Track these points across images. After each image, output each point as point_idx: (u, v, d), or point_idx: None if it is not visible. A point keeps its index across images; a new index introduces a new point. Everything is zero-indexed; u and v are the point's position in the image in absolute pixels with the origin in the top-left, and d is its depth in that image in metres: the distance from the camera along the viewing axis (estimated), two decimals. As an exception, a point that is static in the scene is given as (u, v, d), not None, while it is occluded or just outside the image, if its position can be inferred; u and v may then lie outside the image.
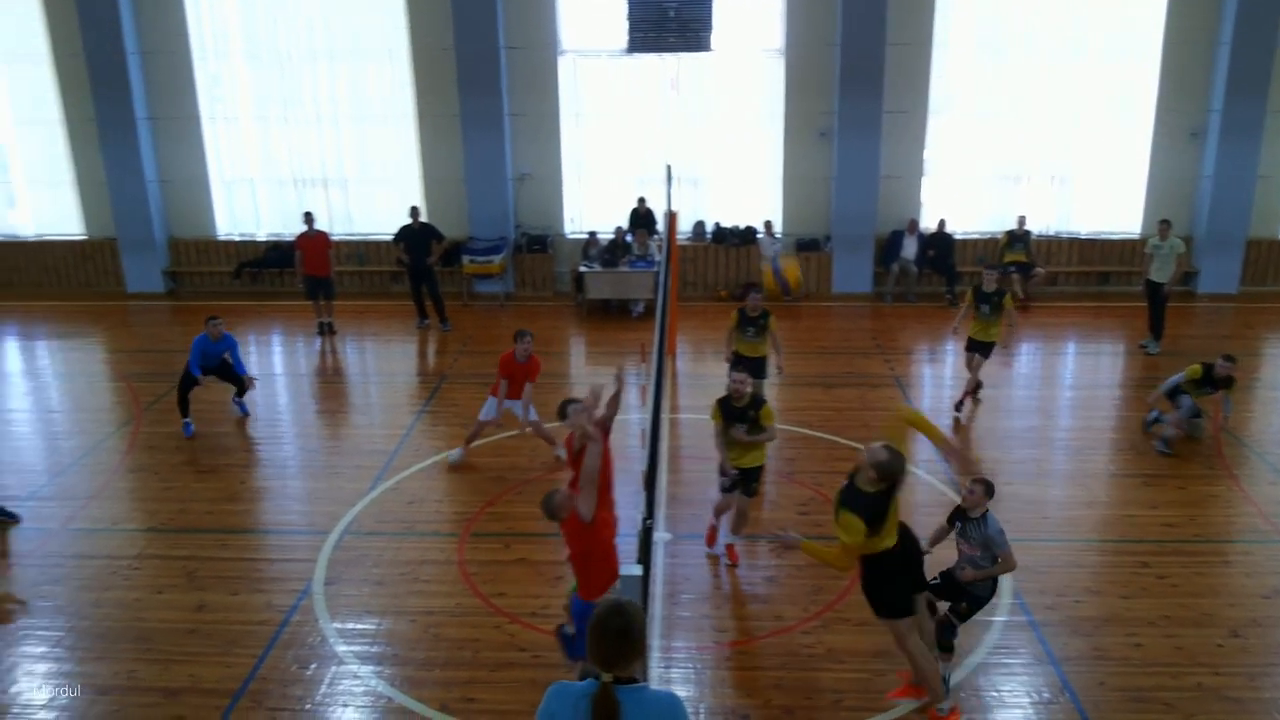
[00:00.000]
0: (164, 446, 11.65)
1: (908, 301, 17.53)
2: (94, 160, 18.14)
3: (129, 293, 18.50)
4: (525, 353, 10.77)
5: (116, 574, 8.88)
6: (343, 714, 7.06)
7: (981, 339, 12.14)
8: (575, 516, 6.63)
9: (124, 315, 17.34)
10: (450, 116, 17.68)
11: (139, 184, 17.97)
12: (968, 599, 7.09)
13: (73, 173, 18.51)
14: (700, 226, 18.36)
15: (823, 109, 17.62)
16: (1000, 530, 7.05)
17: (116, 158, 17.86)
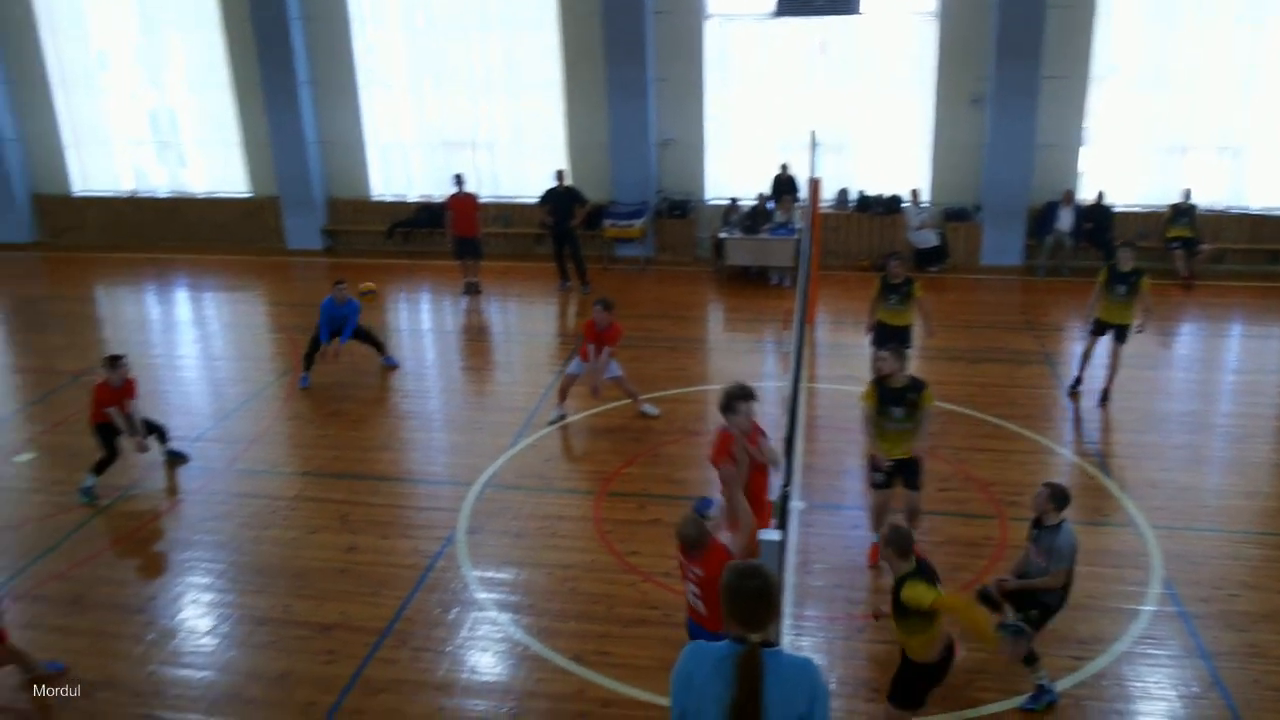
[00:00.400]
0: (321, 396, 12.22)
1: (1061, 276, 16.87)
2: (259, 122, 19.00)
3: (289, 249, 19.38)
4: (604, 322, 10.89)
5: (275, 514, 9.41)
6: (481, 658, 7.34)
7: (1113, 321, 11.34)
8: (720, 548, 6.06)
9: (285, 270, 18.18)
10: (596, 82, 17.80)
11: (300, 146, 18.75)
12: (1038, 606, 6.80)
13: (240, 134, 19.44)
14: (844, 194, 18.05)
15: (977, 74, 17.03)
16: (1071, 545, 6.70)
17: (280, 120, 18.66)
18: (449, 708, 6.83)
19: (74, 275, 18.15)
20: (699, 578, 5.98)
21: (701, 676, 3.73)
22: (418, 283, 17.41)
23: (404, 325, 15.86)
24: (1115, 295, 11.27)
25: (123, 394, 9.76)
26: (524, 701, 6.88)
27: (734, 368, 13.18)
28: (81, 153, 20.28)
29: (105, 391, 9.66)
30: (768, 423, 11.21)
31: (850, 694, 6.88)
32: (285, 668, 7.24)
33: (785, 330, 14.18)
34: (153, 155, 20.36)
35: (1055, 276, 16.86)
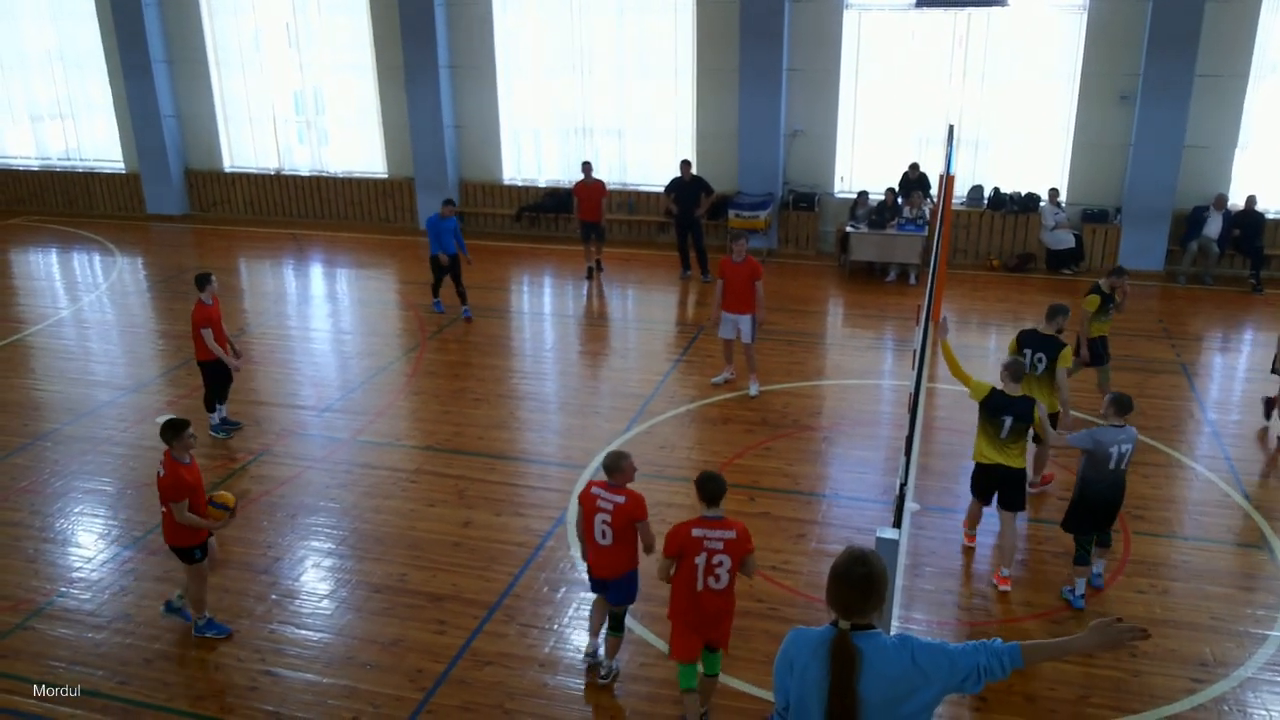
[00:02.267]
0: (444, 374, 12.56)
1: (1204, 284, 16.11)
2: (399, 105, 19.58)
3: (421, 229, 19.91)
4: (741, 252, 11.36)
5: (395, 485, 9.74)
6: (586, 637, 7.45)
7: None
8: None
9: (416, 250, 18.69)
10: (729, 70, 17.74)
11: (437, 128, 19.24)
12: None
13: (379, 116, 20.06)
14: (978, 191, 17.58)
15: (1126, 70, 16.34)
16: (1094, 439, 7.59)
17: (419, 103, 19.18)
18: (552, 685, 6.98)
19: (220, 247, 19.06)
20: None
21: (802, 661, 3.75)
22: (541, 265, 17.70)
23: (526, 308, 16.16)
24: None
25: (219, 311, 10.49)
26: (626, 685, 6.98)
27: (852, 364, 13.02)
28: (231, 130, 21.25)
29: (203, 310, 10.32)
30: (885, 421, 11.12)
31: (958, 701, 6.75)
32: (397, 634, 7.50)
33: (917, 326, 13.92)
34: (297, 134, 21.19)
35: (1197, 284, 16.10)
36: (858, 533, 8.68)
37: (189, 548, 7.26)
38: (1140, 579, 8.12)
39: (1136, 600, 7.83)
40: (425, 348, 13.47)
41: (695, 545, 6.04)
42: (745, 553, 6.09)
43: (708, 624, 6.25)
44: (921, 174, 17.10)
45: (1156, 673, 7.00)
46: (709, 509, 6.12)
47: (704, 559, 6.03)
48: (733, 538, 6.04)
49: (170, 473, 7.01)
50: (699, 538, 6.03)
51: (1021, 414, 7.91)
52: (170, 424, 7.12)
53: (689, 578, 6.10)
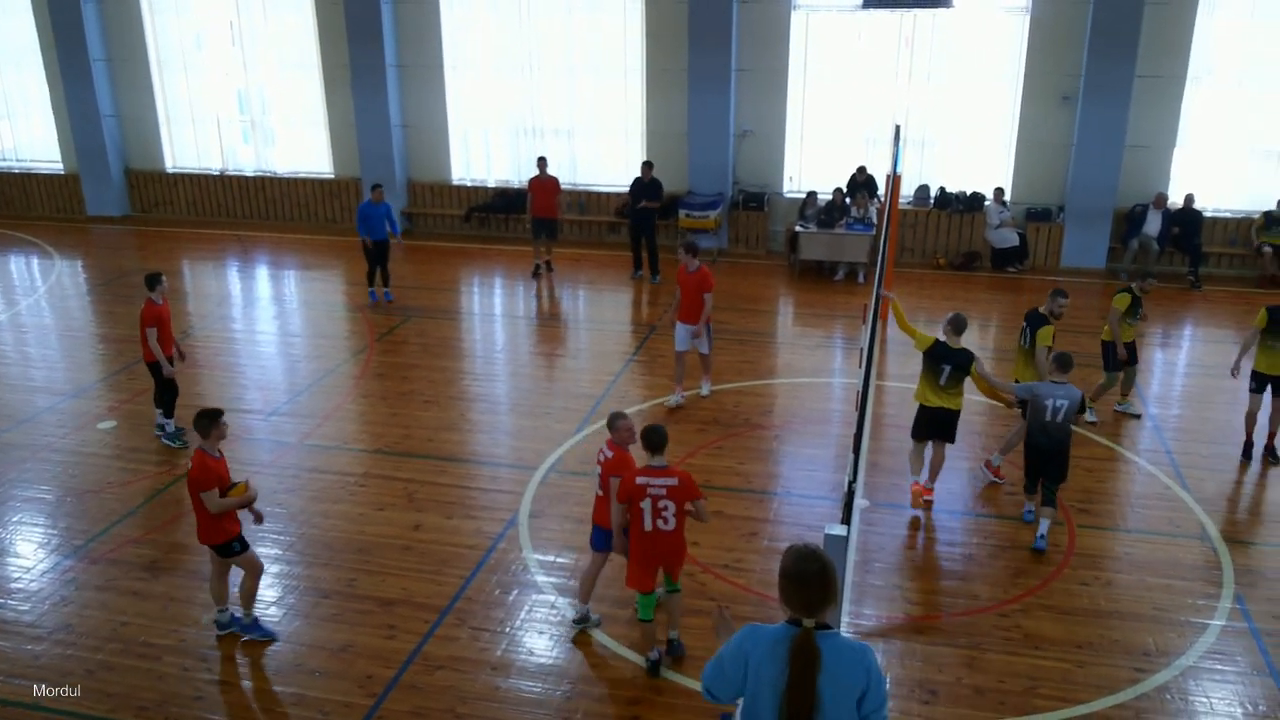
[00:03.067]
0: (393, 376, 12.44)
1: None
2: (345, 104, 19.36)
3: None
4: (694, 263, 11.16)
5: (344, 489, 9.62)
6: (538, 640, 7.42)
7: (1274, 373, 9.93)
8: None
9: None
10: (678, 70, 17.78)
11: (384, 128, 19.07)
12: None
13: (325, 115, 19.82)
14: (924, 190, 17.78)
15: (1068, 71, 16.62)
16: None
17: (366, 102, 19.00)
18: (505, 688, 6.93)
19: (163, 249, 18.71)
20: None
21: (757, 658, 3.76)
22: (491, 266, 17.60)
23: (476, 309, 16.07)
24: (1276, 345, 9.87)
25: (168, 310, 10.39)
26: (578, 686, 6.95)
27: (802, 362, 13.10)
28: (174, 130, 20.87)
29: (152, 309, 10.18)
30: (835, 419, 11.20)
31: (906, 694, 6.81)
32: (347, 640, 7.41)
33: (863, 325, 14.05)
34: (241, 134, 20.88)
35: (1139, 281, 16.40)
36: (809, 530, 8.73)
37: (227, 542, 7.21)
38: (1085, 571, 8.25)
39: (1081, 593, 7.96)
40: (374, 349, 13.33)
41: (640, 491, 6.68)
42: (689, 498, 6.70)
43: (661, 559, 6.90)
44: (869, 176, 17.25)
45: (1102, 663, 7.12)
46: (653, 458, 6.75)
47: (649, 504, 6.68)
48: (675, 484, 6.67)
49: (198, 465, 6.98)
50: (643, 485, 6.68)
51: (960, 364, 8.88)
52: (204, 415, 7.09)
53: (638, 520, 6.75)
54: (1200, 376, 12.32)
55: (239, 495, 7.18)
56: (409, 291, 15.88)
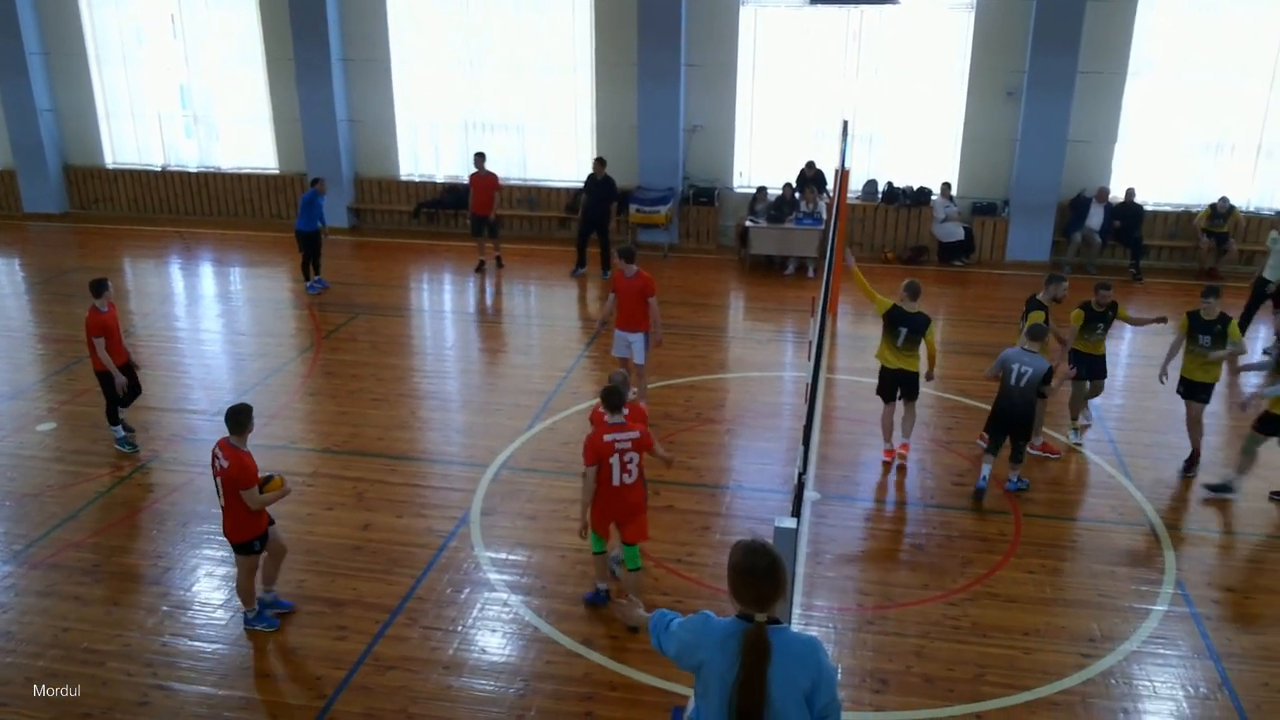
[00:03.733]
0: (341, 374, 12.30)
1: (1087, 273, 16.69)
2: (290, 98, 19.09)
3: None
4: (632, 268, 10.52)
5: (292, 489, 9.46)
6: (491, 638, 7.38)
7: (1199, 379, 9.72)
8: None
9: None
10: (628, 65, 17.76)
11: (330, 123, 18.83)
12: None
13: (270, 110, 19.53)
14: (872, 185, 17.94)
15: (1012, 67, 16.85)
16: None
17: (311, 97, 18.74)
18: (457, 687, 6.88)
19: (103, 247, 18.34)
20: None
21: (708, 651, 3.77)
22: (440, 263, 17.47)
23: (425, 306, 15.94)
24: (1199, 347, 9.66)
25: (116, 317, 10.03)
26: (531, 684, 6.92)
27: (753, 356, 13.15)
28: (114, 125, 20.45)
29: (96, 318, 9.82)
30: (785, 412, 11.25)
31: (857, 684, 6.87)
32: (297, 642, 7.32)
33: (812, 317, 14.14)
34: (184, 129, 20.51)
35: (1081, 274, 16.66)
36: (761, 523, 8.77)
37: (250, 540, 7.24)
38: (1031, 559, 8.38)
39: (1028, 580, 8.08)
40: (321, 347, 13.17)
41: (609, 449, 7.12)
42: (648, 447, 7.29)
43: (624, 514, 7.32)
44: (818, 171, 17.37)
45: (1048, 650, 7.23)
46: (612, 416, 7.22)
47: (617, 459, 7.13)
48: (637, 437, 7.21)
49: (235, 461, 6.95)
50: (610, 442, 7.12)
51: (916, 327, 9.52)
52: (233, 412, 7.09)
53: (607, 477, 7.16)
54: (1142, 367, 12.56)
55: (277, 491, 7.25)
56: (357, 289, 15.72)
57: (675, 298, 15.38)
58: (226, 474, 6.99)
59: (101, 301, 9.88)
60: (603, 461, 7.14)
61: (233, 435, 7.08)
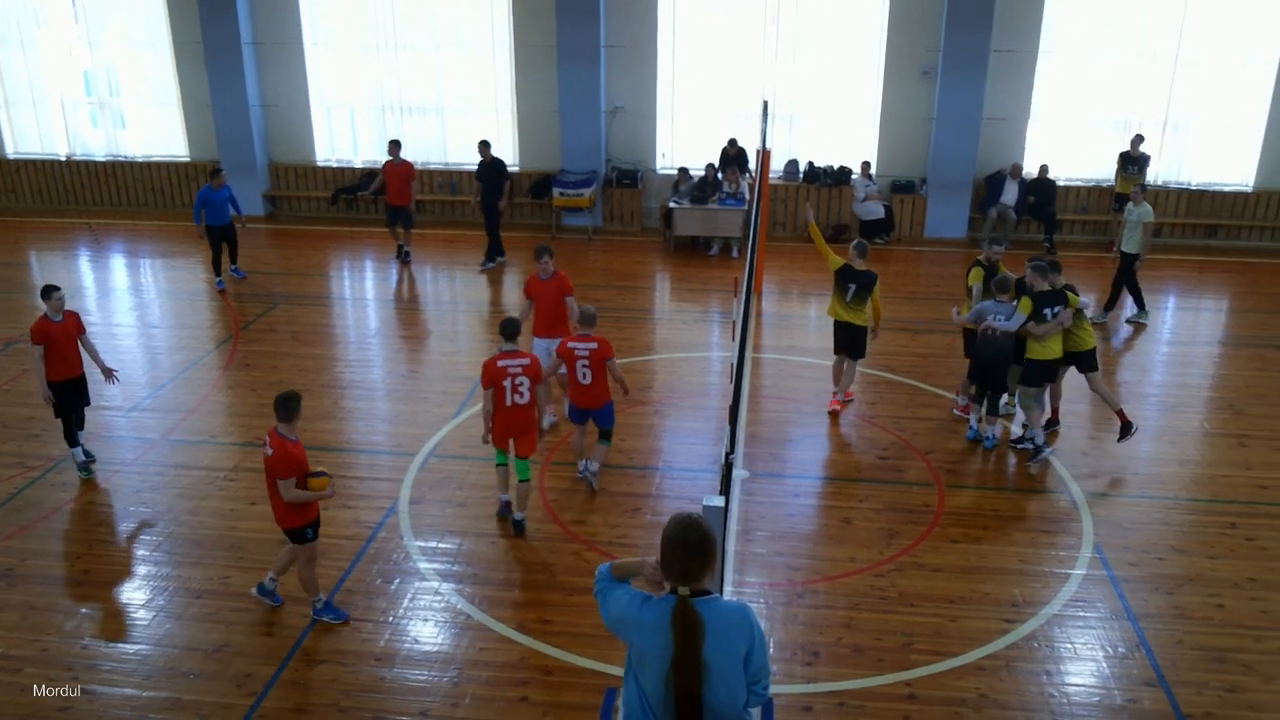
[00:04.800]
0: (261, 365, 12.05)
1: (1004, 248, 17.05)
2: (200, 84, 18.56)
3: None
4: (548, 269, 9.97)
5: (213, 485, 9.29)
6: (423, 628, 7.32)
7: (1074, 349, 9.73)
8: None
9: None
10: (547, 46, 17.61)
11: (242, 108, 18.36)
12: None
13: (179, 95, 18.97)
14: (793, 165, 18.09)
15: (927, 46, 17.10)
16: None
17: (221, 81, 18.24)
18: (390, 678, 6.82)
19: (6, 240, 17.67)
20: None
21: (643, 631, 3.81)
22: (360, 250, 17.18)
23: (347, 294, 15.68)
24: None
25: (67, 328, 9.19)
26: (465, 671, 6.89)
27: (680, 337, 13.20)
28: (13, 114, 19.68)
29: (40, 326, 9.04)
30: (713, 392, 11.33)
31: (789, 657, 6.97)
32: (223, 639, 7.17)
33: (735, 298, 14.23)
34: (89, 117, 19.84)
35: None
36: (691, 503, 8.81)
37: (301, 528, 7.14)
38: (955, 529, 8.57)
39: (952, 550, 8.27)
40: (239, 339, 12.89)
41: (502, 374, 8.17)
42: (537, 376, 8.34)
43: (516, 430, 8.35)
44: (740, 149, 17.45)
45: (973, 616, 7.41)
46: (507, 344, 8.27)
47: (509, 382, 8.16)
48: (528, 364, 8.23)
49: (279, 450, 6.84)
50: (504, 367, 8.17)
51: (864, 283, 10.20)
52: (283, 400, 6.99)
53: (501, 398, 8.19)
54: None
55: (318, 489, 7.08)
56: (275, 278, 15.40)
57: (600, 280, 15.36)
58: (269, 461, 6.91)
59: (50, 308, 9.08)
60: (496, 385, 8.16)
61: (281, 424, 6.96)
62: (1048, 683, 6.76)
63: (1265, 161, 17.22)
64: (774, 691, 6.55)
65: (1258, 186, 17.39)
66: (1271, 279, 15.80)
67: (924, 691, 6.66)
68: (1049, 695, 6.65)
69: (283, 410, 6.97)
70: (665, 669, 3.72)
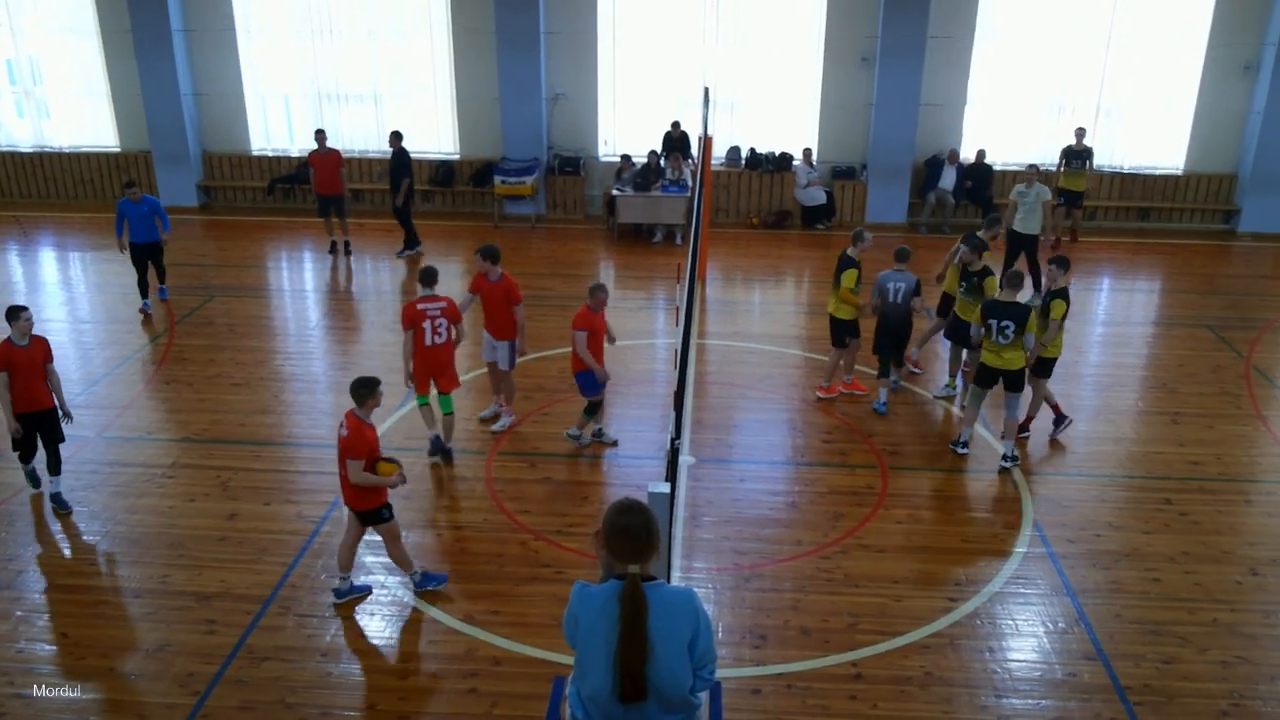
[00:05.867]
0: (197, 359, 11.81)
1: (942, 233, 17.30)
2: (129, 72, 18.10)
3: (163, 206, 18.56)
4: (495, 272, 9.70)
5: (150, 482, 9.10)
6: (369, 622, 7.25)
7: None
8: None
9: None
10: (486, 32, 17.44)
11: (173, 96, 17.93)
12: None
13: (107, 84, 18.49)
14: (735, 152, 18.13)
15: (865, 33, 17.23)
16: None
17: (151, 69, 17.80)
18: (337, 673, 6.74)
19: (-72, 234, 17.13)
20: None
21: (588, 617, 3.82)
22: (298, 240, 16.91)
23: (285, 286, 15.43)
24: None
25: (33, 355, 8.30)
26: (413, 664, 6.84)
27: (625, 325, 13.17)
28: (-67, 104, 19.07)
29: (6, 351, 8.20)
30: (659, 379, 11.34)
31: (738, 641, 7.01)
32: (163, 639, 7.04)
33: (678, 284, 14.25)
34: (14, 107, 19.26)
35: (937, 233, 17.27)
36: (637, 490, 8.76)
37: (377, 509, 7.26)
38: (898, 511, 8.68)
39: (895, 531, 8.37)
40: (174, 333, 12.63)
41: (421, 315, 8.94)
42: (455, 317, 9.10)
43: (436, 370, 9.12)
44: (683, 132, 17.45)
45: (917, 596, 7.52)
46: (425, 289, 9.04)
47: (429, 324, 8.92)
48: (445, 306, 9.01)
49: (354, 431, 7.00)
50: (423, 310, 8.94)
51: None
52: (362, 382, 7.14)
53: (420, 339, 8.94)
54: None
55: (385, 475, 7.16)
56: (210, 270, 15.11)
57: (545, 269, 15.29)
58: (343, 442, 7.04)
59: (15, 332, 8.21)
60: (416, 326, 8.89)
61: (358, 407, 7.12)
62: (990, 659, 6.88)
63: (1195, 145, 17.64)
64: (723, 675, 6.59)
65: (1188, 170, 17.80)
66: (1202, 260, 16.20)
67: (870, 671, 6.74)
68: (992, 671, 6.77)
69: (356, 394, 7.12)
70: (611, 652, 3.73)
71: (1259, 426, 10.42)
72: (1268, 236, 17.34)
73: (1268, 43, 16.81)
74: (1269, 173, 17.23)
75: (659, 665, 3.73)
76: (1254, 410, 10.79)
